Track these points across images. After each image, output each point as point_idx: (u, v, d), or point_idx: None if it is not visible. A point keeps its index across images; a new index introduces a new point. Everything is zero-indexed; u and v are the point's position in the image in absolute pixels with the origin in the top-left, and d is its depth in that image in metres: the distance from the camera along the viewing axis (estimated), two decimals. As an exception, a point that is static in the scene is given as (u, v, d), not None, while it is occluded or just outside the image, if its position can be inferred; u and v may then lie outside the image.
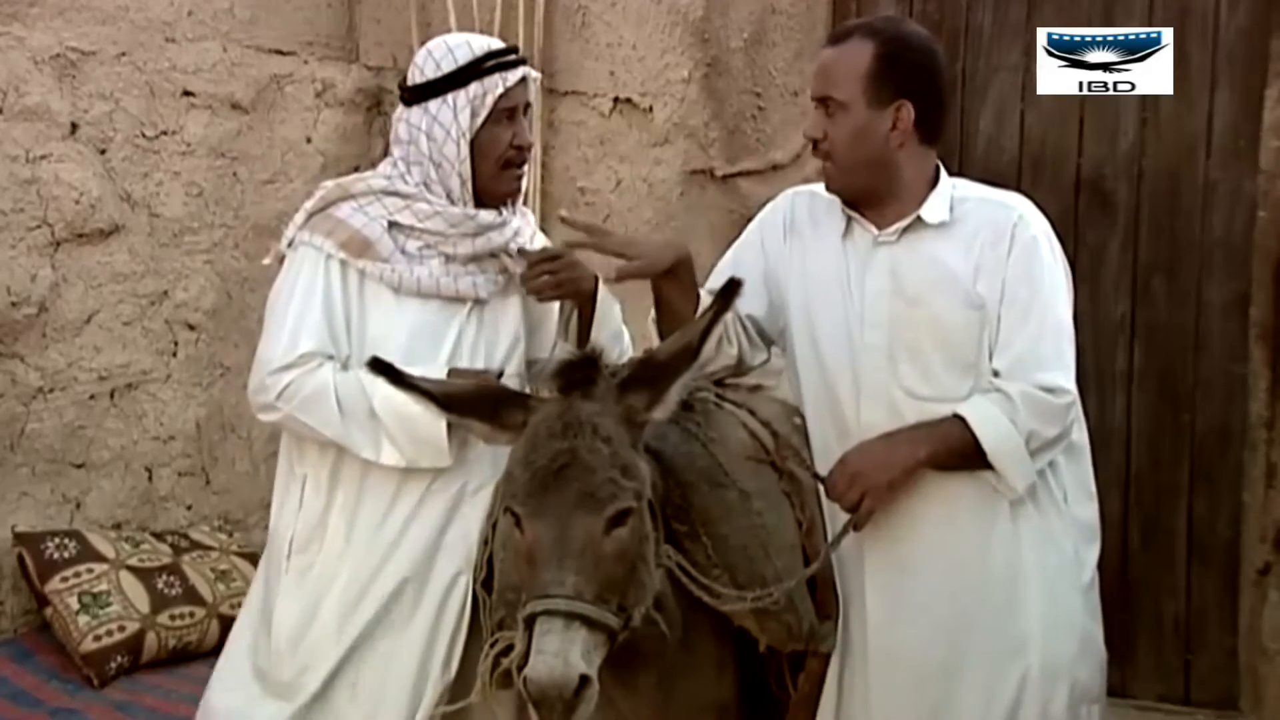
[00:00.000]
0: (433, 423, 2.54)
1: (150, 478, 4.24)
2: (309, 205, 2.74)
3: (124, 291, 4.14)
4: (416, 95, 2.71)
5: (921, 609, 2.49)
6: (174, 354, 4.27)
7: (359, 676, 2.66)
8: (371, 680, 2.66)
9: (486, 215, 2.71)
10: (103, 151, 4.09)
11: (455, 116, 2.67)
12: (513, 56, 2.72)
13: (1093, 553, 2.61)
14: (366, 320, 2.68)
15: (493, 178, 2.72)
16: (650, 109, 4.32)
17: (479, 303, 2.73)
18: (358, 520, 2.67)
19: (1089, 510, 2.60)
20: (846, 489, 2.39)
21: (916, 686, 2.49)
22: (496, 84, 2.67)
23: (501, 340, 2.76)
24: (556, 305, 2.85)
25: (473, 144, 2.69)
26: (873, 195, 2.54)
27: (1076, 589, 2.56)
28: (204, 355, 4.31)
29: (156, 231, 4.21)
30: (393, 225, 2.68)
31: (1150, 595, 4.14)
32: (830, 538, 2.51)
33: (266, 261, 2.85)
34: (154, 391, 4.23)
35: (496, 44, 2.75)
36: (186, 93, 4.26)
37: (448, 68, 2.68)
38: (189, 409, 4.29)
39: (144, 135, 4.18)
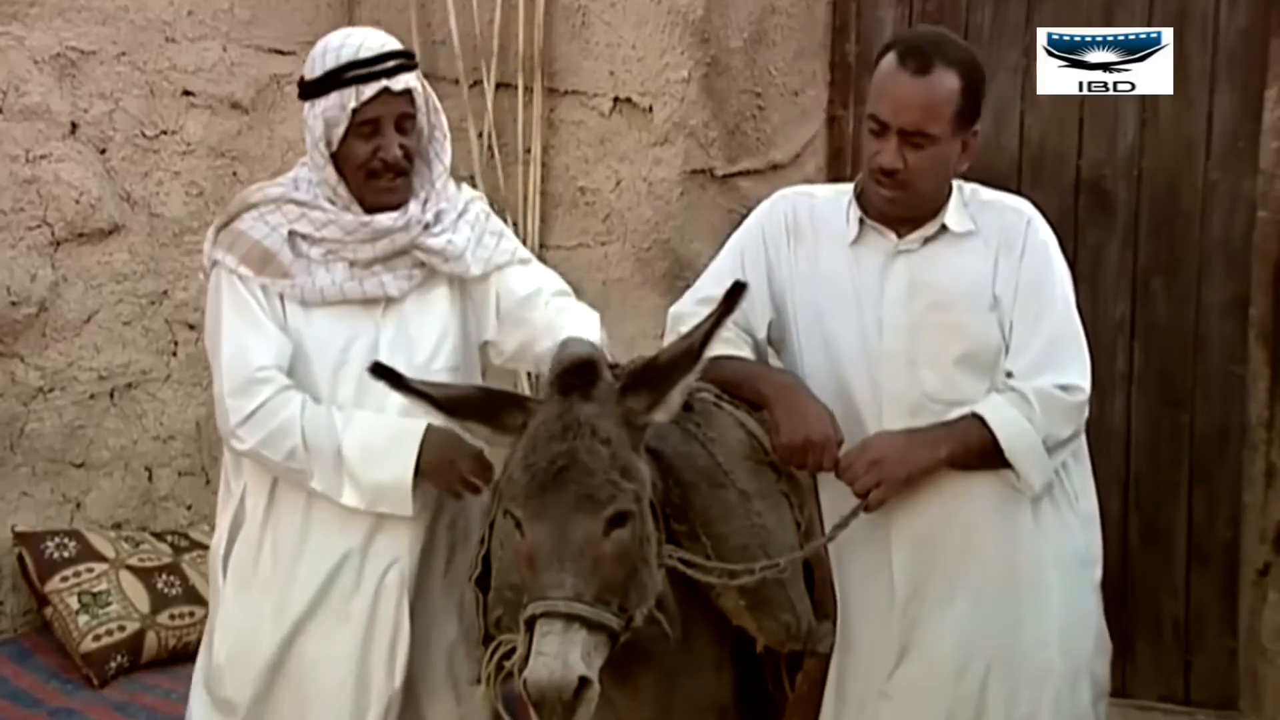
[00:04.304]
0: (402, 470, 2.55)
1: (150, 478, 4.24)
2: (218, 220, 2.71)
3: (124, 291, 4.14)
4: (300, 93, 2.65)
5: (949, 607, 2.52)
6: (174, 354, 4.27)
7: (292, 689, 2.67)
8: (306, 691, 2.67)
9: (383, 220, 2.63)
10: (103, 151, 4.10)
11: (312, 124, 2.61)
12: (375, 68, 2.57)
13: (1099, 546, 2.66)
14: (287, 331, 2.66)
15: (362, 187, 2.64)
16: (650, 109, 4.31)
17: (394, 301, 2.68)
18: (285, 533, 2.69)
19: (1093, 505, 2.66)
20: (864, 472, 2.41)
21: (944, 685, 2.52)
22: (350, 98, 2.56)
23: (425, 337, 2.70)
24: (494, 291, 2.77)
25: (339, 153, 2.61)
26: (921, 216, 2.55)
27: (1091, 586, 2.62)
28: (204, 355, 4.27)
29: (156, 231, 4.21)
30: (293, 233, 2.64)
31: (1150, 595, 4.13)
32: (827, 529, 2.52)
33: (203, 277, 2.82)
34: (154, 391, 4.23)
35: (373, 49, 2.60)
36: (186, 93, 4.26)
37: (317, 71, 2.60)
38: (189, 409, 4.29)
39: (144, 135, 4.18)
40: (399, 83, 2.59)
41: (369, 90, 2.56)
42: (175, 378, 4.27)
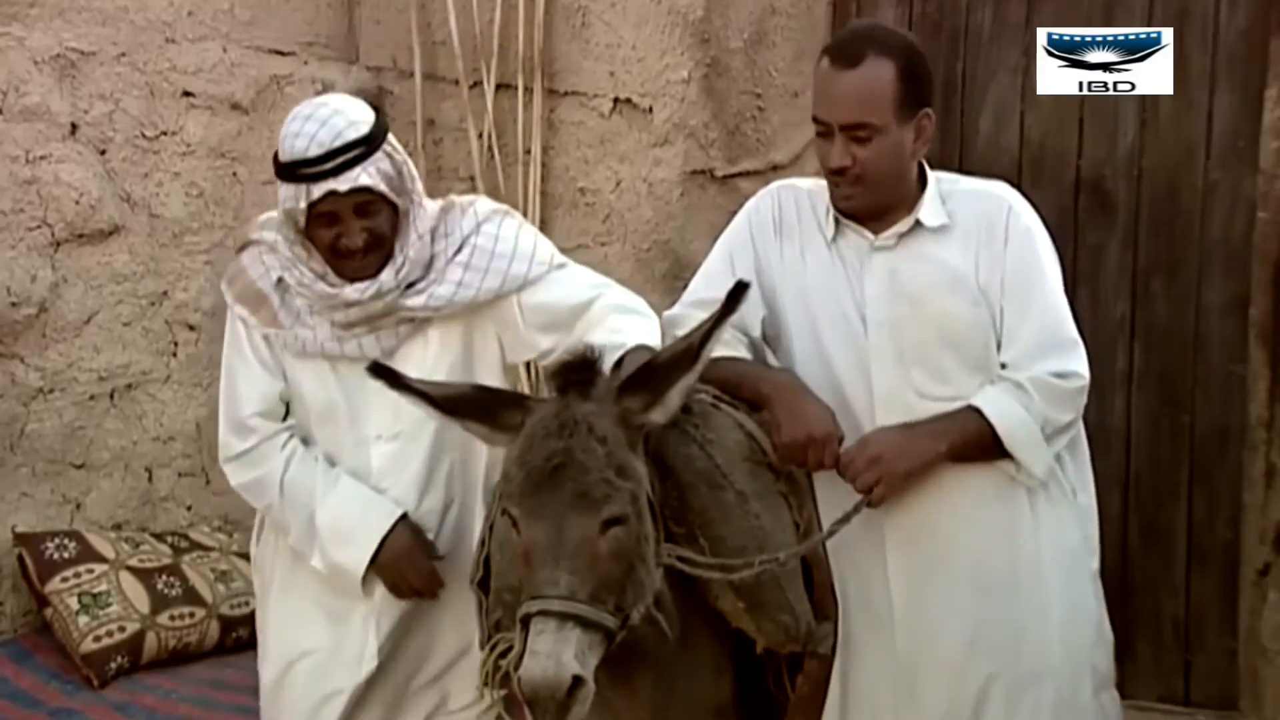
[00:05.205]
0: (356, 561, 2.63)
1: (150, 478, 4.24)
2: (236, 243, 2.77)
3: (124, 292, 4.14)
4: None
5: (947, 603, 2.52)
6: (174, 354, 4.27)
7: (286, 707, 2.79)
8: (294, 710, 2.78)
9: (350, 294, 2.57)
10: (103, 152, 4.10)
11: (279, 201, 2.57)
12: (322, 168, 2.49)
13: (1096, 538, 2.65)
14: (284, 376, 2.71)
15: (330, 263, 2.60)
16: (650, 109, 4.32)
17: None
18: (285, 552, 2.78)
19: (1091, 499, 2.65)
20: (865, 469, 2.41)
21: (942, 681, 2.52)
22: (302, 194, 2.51)
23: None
24: (517, 310, 2.68)
25: (307, 232, 2.57)
26: (888, 208, 2.54)
27: (1089, 577, 2.62)
28: (204, 355, 4.31)
29: (156, 232, 4.21)
30: (280, 280, 2.66)
31: (1150, 595, 4.13)
32: (825, 527, 2.51)
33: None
34: (154, 392, 4.23)
35: (324, 144, 2.50)
36: (186, 93, 4.26)
37: (281, 157, 2.55)
38: (189, 409, 4.29)
39: (144, 135, 4.18)
40: (345, 182, 2.49)
41: (317, 191, 2.49)
42: (175, 378, 4.27)
